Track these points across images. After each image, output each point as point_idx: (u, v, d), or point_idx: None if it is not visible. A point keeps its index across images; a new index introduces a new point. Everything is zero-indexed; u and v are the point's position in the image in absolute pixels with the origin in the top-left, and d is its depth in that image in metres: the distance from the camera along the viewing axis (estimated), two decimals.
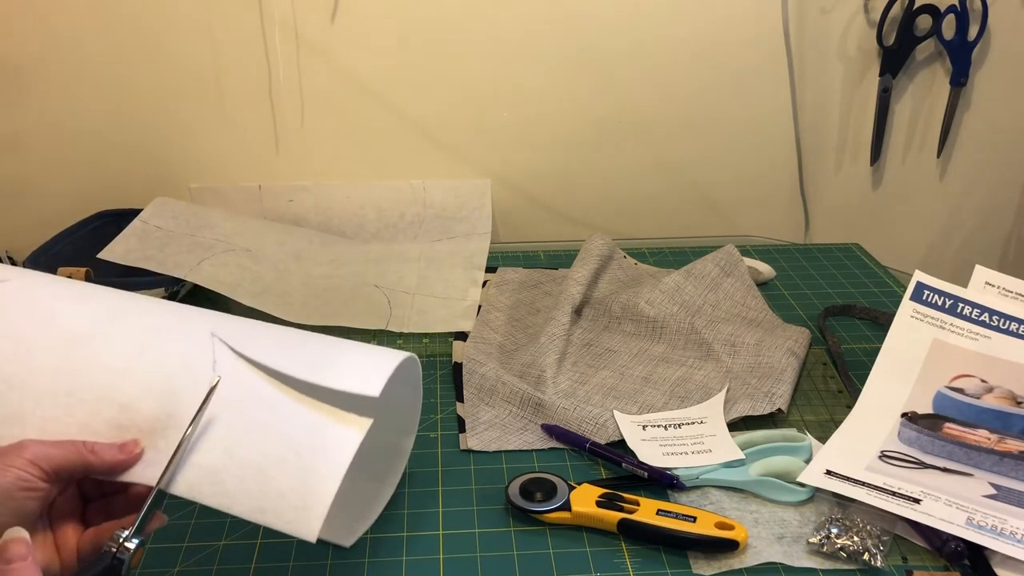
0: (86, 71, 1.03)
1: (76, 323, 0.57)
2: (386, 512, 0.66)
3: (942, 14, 1.04)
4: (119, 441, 0.51)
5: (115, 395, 0.53)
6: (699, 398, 0.79)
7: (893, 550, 0.63)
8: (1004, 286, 0.82)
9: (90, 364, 0.54)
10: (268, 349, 0.56)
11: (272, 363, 0.55)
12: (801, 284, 1.03)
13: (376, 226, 1.11)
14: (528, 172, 1.13)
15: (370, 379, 0.54)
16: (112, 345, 0.55)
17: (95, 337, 0.56)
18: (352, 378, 0.54)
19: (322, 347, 0.58)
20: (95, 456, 0.50)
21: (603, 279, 0.99)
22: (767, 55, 1.07)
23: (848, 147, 1.14)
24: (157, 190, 1.07)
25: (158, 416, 0.52)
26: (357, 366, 0.56)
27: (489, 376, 0.80)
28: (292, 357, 0.56)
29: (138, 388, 0.53)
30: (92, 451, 0.50)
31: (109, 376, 0.54)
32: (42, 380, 0.54)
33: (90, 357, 0.55)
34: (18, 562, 0.44)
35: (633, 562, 0.62)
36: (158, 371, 0.54)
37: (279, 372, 0.54)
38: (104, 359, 0.55)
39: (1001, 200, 1.18)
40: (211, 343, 0.55)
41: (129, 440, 0.51)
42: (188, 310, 0.61)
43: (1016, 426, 0.73)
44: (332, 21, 1.02)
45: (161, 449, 0.51)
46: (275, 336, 0.59)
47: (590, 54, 1.06)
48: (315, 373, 0.54)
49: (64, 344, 0.55)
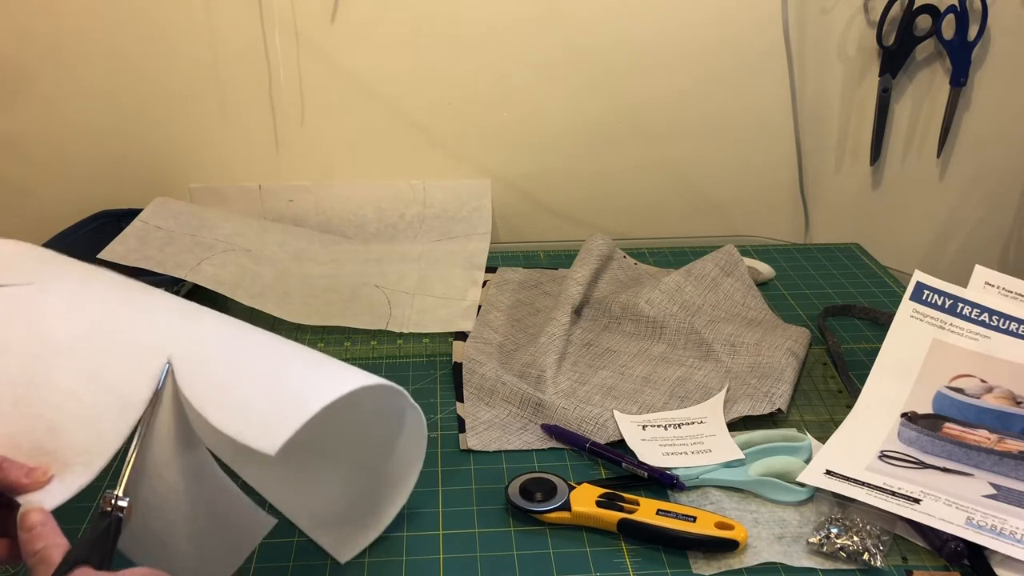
0: (86, 71, 1.03)
1: (54, 333, 0.56)
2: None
3: (942, 14, 1.04)
4: (30, 464, 0.50)
5: (51, 416, 0.52)
6: (699, 398, 0.79)
7: (893, 550, 0.63)
8: (1004, 286, 0.82)
9: (44, 379, 0.53)
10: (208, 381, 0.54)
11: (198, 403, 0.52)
12: (801, 284, 1.03)
13: (376, 226, 1.11)
14: (528, 172, 1.13)
15: (274, 430, 0.50)
16: (71, 362, 0.54)
17: (62, 352, 0.55)
18: (255, 427, 0.50)
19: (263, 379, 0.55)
20: (1, 473, 0.49)
21: (603, 279, 0.99)
22: (767, 55, 1.07)
23: (848, 147, 1.14)
24: (157, 190, 1.07)
25: (80, 449, 0.51)
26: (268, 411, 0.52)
27: (489, 376, 0.80)
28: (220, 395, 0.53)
29: (73, 415, 0.52)
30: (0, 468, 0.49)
31: (53, 395, 0.53)
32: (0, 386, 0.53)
33: (47, 371, 0.54)
34: (39, 528, 0.47)
35: (633, 562, 0.62)
36: (97, 403, 0.53)
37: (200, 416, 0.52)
38: (56, 377, 0.53)
39: (1001, 200, 1.18)
40: (160, 374, 0.54)
41: (39, 467, 0.50)
42: (174, 314, 0.60)
43: (1016, 426, 0.73)
44: (332, 21, 1.02)
45: (68, 484, 0.50)
46: (230, 362, 0.57)
47: (590, 54, 1.06)
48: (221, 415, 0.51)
49: (33, 354, 0.54)
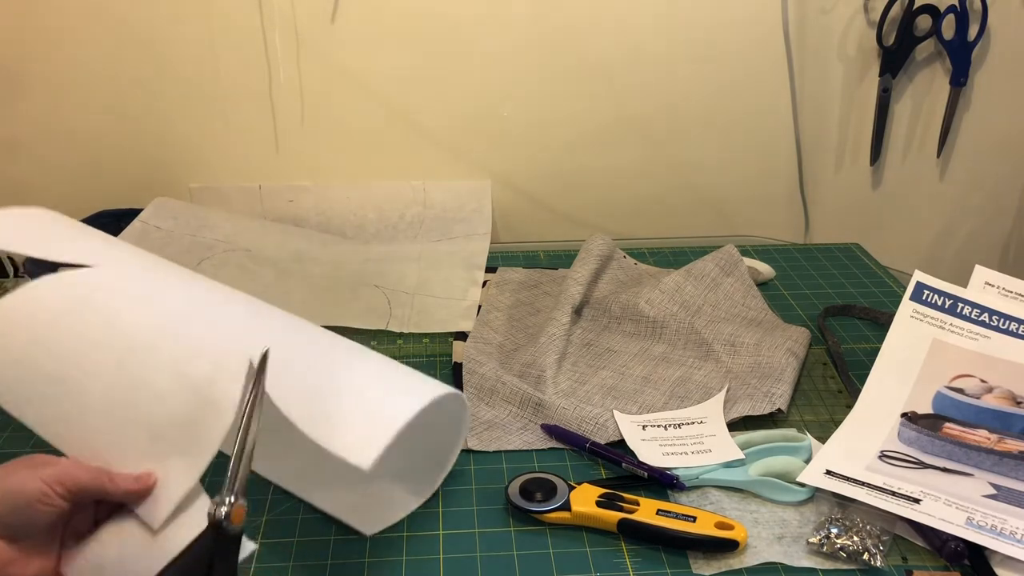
0: (85, 72, 1.03)
1: (137, 329, 0.58)
2: None
3: (942, 14, 1.04)
4: (136, 472, 0.54)
5: (149, 420, 0.55)
6: (699, 398, 0.79)
7: (893, 550, 0.63)
8: (1004, 286, 0.82)
9: (139, 379, 0.56)
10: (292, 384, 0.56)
11: (284, 406, 0.54)
12: (801, 284, 1.03)
13: (376, 226, 1.11)
14: (528, 172, 1.13)
15: (366, 447, 0.52)
16: (157, 360, 0.56)
17: (148, 349, 0.57)
18: (345, 439, 0.53)
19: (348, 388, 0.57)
20: (112, 484, 0.53)
21: (603, 279, 0.99)
22: (767, 55, 1.07)
23: (848, 147, 1.14)
24: (157, 190, 1.07)
25: (179, 449, 0.54)
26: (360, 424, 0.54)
27: (489, 376, 0.80)
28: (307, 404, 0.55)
29: (169, 419, 0.55)
30: (111, 480, 0.53)
31: (147, 398, 0.55)
32: (95, 388, 0.56)
33: (140, 371, 0.56)
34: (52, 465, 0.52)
35: (633, 562, 0.62)
36: (188, 404, 0.54)
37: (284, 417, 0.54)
38: (148, 376, 0.56)
39: (1001, 200, 1.18)
40: (243, 376, 0.55)
41: (144, 472, 0.54)
42: (247, 309, 0.63)
43: (1016, 426, 0.73)
44: (332, 21, 1.02)
45: (172, 491, 0.53)
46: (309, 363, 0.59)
47: (590, 55, 1.06)
48: (314, 427, 0.54)
49: (120, 353, 0.56)
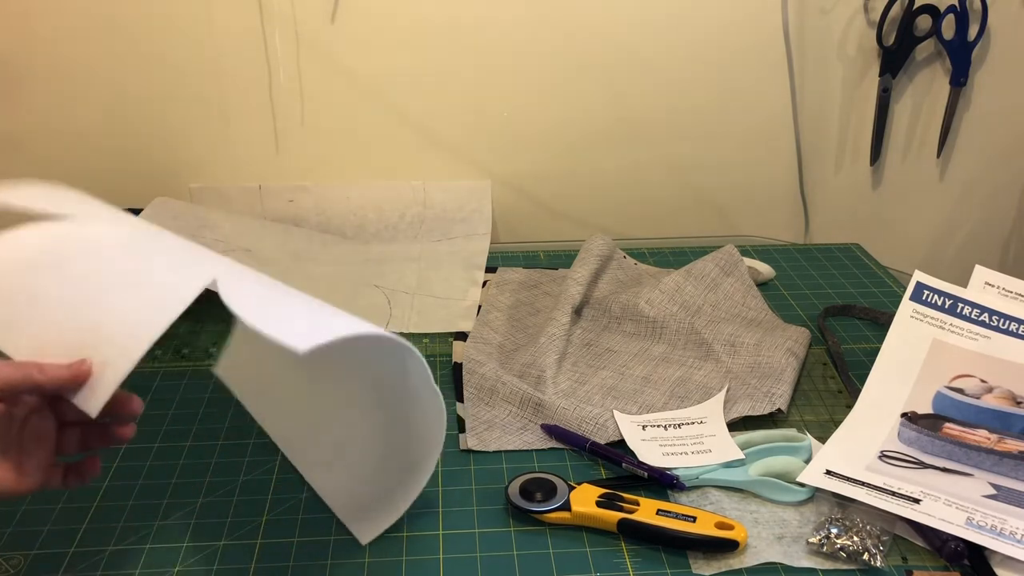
0: (85, 72, 1.03)
1: (103, 253, 0.56)
2: None
3: (942, 14, 1.04)
4: (68, 360, 0.50)
5: (95, 317, 0.52)
6: (699, 398, 0.79)
7: (893, 550, 0.63)
8: (1004, 286, 0.82)
9: (95, 294, 0.53)
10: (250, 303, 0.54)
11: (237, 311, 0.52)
12: (801, 284, 1.03)
13: (376, 226, 1.11)
14: (528, 172, 1.13)
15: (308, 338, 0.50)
16: (117, 274, 0.55)
17: (110, 270, 0.55)
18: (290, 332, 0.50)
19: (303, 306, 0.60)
20: (42, 374, 0.50)
21: (603, 279, 0.99)
22: (767, 55, 1.07)
23: (848, 147, 1.14)
24: (157, 190, 1.07)
25: (117, 340, 0.51)
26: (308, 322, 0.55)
27: (489, 376, 0.80)
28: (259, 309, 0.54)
29: (115, 316, 0.52)
30: (40, 370, 0.50)
31: (99, 303, 0.53)
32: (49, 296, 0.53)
33: (98, 289, 0.54)
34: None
35: (633, 562, 0.62)
36: (139, 304, 0.52)
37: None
38: (104, 290, 0.53)
39: (1001, 200, 1.18)
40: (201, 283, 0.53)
41: (76, 360, 0.50)
42: (226, 260, 0.62)
43: (1016, 426, 0.73)
44: (332, 21, 1.02)
45: (108, 377, 0.50)
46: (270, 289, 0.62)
47: (591, 55, 1.06)
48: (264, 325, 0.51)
49: (86, 273, 0.54)
